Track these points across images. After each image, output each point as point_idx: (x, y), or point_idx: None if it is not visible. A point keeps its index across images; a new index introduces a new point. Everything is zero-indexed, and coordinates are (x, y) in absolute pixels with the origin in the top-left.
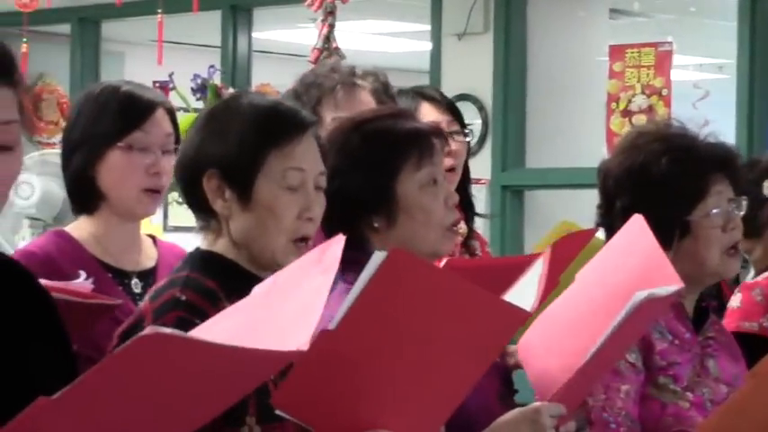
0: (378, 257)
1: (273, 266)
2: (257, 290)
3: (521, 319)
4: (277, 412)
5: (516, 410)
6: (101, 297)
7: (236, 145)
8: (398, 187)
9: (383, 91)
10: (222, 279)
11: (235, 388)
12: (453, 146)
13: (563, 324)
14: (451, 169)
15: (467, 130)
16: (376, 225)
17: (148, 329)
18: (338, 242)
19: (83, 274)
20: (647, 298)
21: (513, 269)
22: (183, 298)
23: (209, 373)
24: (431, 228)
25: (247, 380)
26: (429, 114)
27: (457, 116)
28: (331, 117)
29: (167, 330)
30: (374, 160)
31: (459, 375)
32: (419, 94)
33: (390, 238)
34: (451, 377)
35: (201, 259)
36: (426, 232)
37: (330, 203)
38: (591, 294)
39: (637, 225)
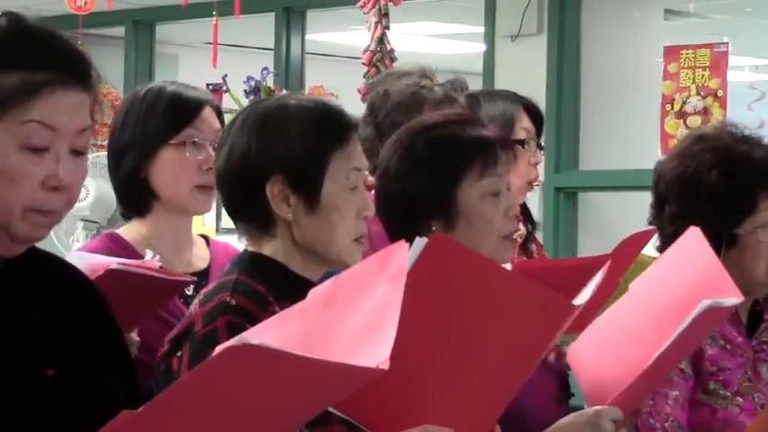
0: (419, 243)
1: (338, 266)
2: (313, 295)
3: (566, 310)
4: (328, 408)
5: (576, 413)
6: (172, 273)
7: (300, 150)
8: (459, 194)
9: (470, 105)
10: (271, 282)
11: (313, 402)
12: (539, 158)
13: (617, 333)
14: (534, 179)
15: (542, 143)
16: (434, 228)
17: (235, 340)
18: (402, 249)
19: (149, 253)
20: (711, 306)
21: (583, 270)
22: (233, 302)
23: (292, 385)
24: (488, 236)
25: (326, 394)
26: (523, 121)
27: (541, 131)
28: None
29: (255, 341)
30: (437, 165)
31: (508, 369)
32: (519, 100)
33: None
34: (501, 371)
35: (251, 262)
36: (484, 240)
37: (392, 204)
38: (647, 305)
39: (694, 237)
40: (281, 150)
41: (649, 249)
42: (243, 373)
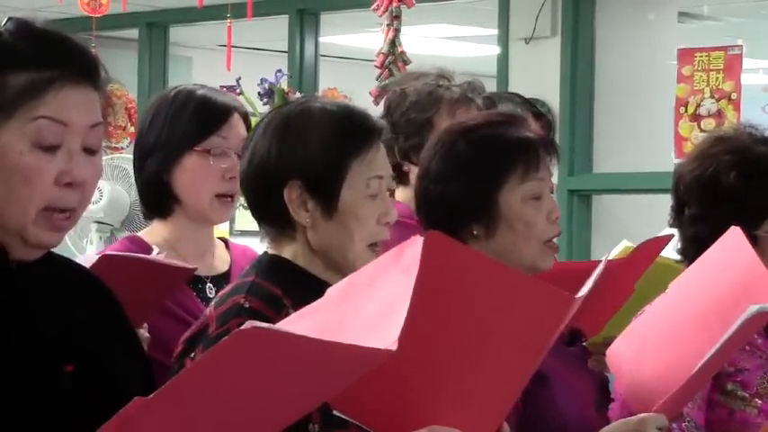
0: (415, 242)
1: (352, 271)
2: (332, 291)
3: (566, 303)
4: (335, 413)
5: (621, 421)
6: (177, 263)
7: (319, 156)
8: (501, 197)
9: (487, 108)
10: (289, 285)
11: (324, 386)
12: None
13: (658, 335)
14: None
15: None
16: (475, 233)
17: (246, 325)
18: (416, 243)
19: (156, 249)
20: (759, 312)
21: (584, 274)
22: (247, 305)
23: (302, 370)
24: (530, 241)
25: (337, 378)
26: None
27: (548, 131)
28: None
29: (264, 325)
30: (479, 167)
31: (512, 366)
32: (526, 104)
33: (489, 247)
34: (505, 368)
35: (269, 264)
36: (525, 245)
37: (432, 207)
38: (688, 307)
39: (735, 238)
40: (300, 155)
41: (670, 252)
42: (252, 357)
